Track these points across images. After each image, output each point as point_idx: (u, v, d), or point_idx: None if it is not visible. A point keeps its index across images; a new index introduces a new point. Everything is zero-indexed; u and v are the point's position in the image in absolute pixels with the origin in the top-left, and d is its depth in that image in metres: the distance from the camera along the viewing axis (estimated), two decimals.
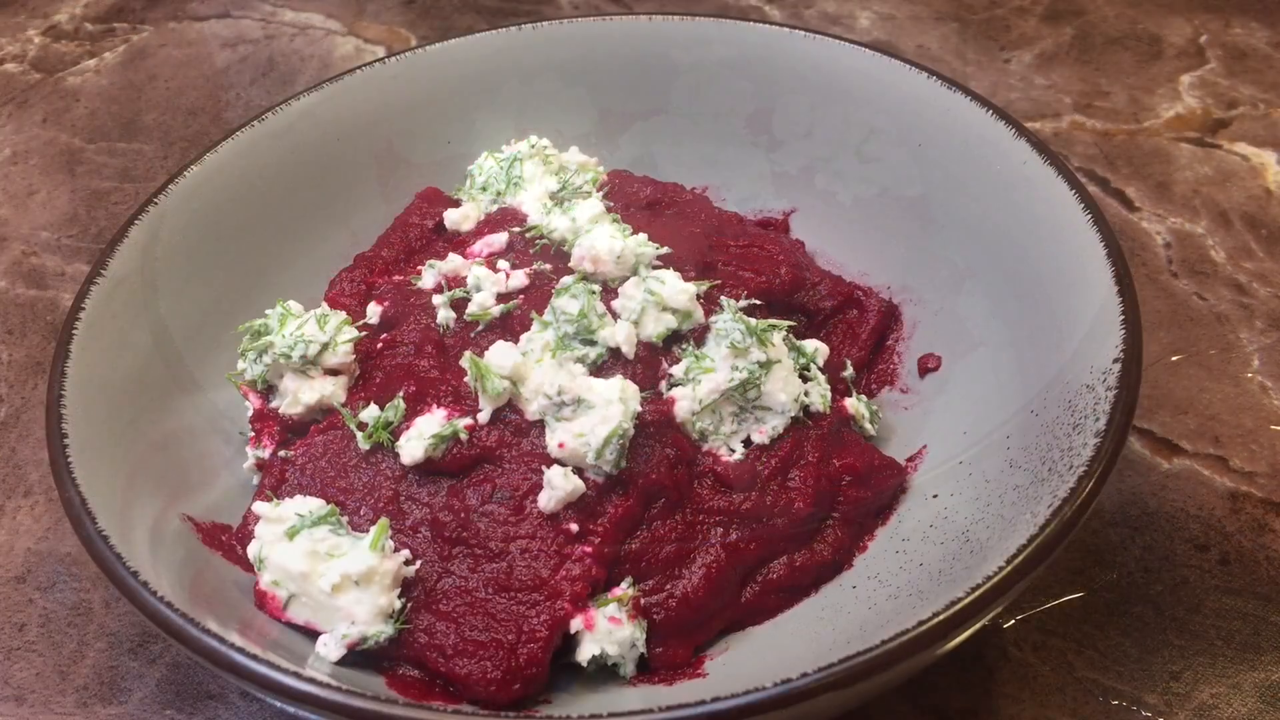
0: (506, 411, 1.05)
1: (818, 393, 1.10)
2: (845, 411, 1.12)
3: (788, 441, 1.06)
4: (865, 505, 1.06)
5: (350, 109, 1.34)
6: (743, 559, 1.02)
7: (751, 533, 1.02)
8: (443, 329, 1.13)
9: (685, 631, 0.99)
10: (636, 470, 1.01)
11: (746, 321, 1.05)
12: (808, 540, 1.04)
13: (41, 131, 1.79)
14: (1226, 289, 1.38)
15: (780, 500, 1.03)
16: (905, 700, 1.02)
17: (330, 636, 0.94)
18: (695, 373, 1.05)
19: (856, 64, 1.28)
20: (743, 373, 1.04)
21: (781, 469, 1.05)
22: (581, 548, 0.98)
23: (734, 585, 1.01)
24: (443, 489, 1.03)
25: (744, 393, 1.05)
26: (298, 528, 0.96)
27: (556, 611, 0.95)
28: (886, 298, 1.25)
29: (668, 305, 1.07)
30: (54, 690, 1.08)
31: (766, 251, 1.23)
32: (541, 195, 1.27)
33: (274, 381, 1.13)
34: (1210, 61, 1.74)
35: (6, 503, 1.25)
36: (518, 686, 0.92)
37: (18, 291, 1.51)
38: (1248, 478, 1.18)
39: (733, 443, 1.06)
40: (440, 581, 0.98)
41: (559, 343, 1.05)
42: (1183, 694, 1.01)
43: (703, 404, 1.04)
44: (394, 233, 1.30)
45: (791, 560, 1.03)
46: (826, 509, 1.05)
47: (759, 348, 1.05)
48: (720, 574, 1.00)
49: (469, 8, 1.99)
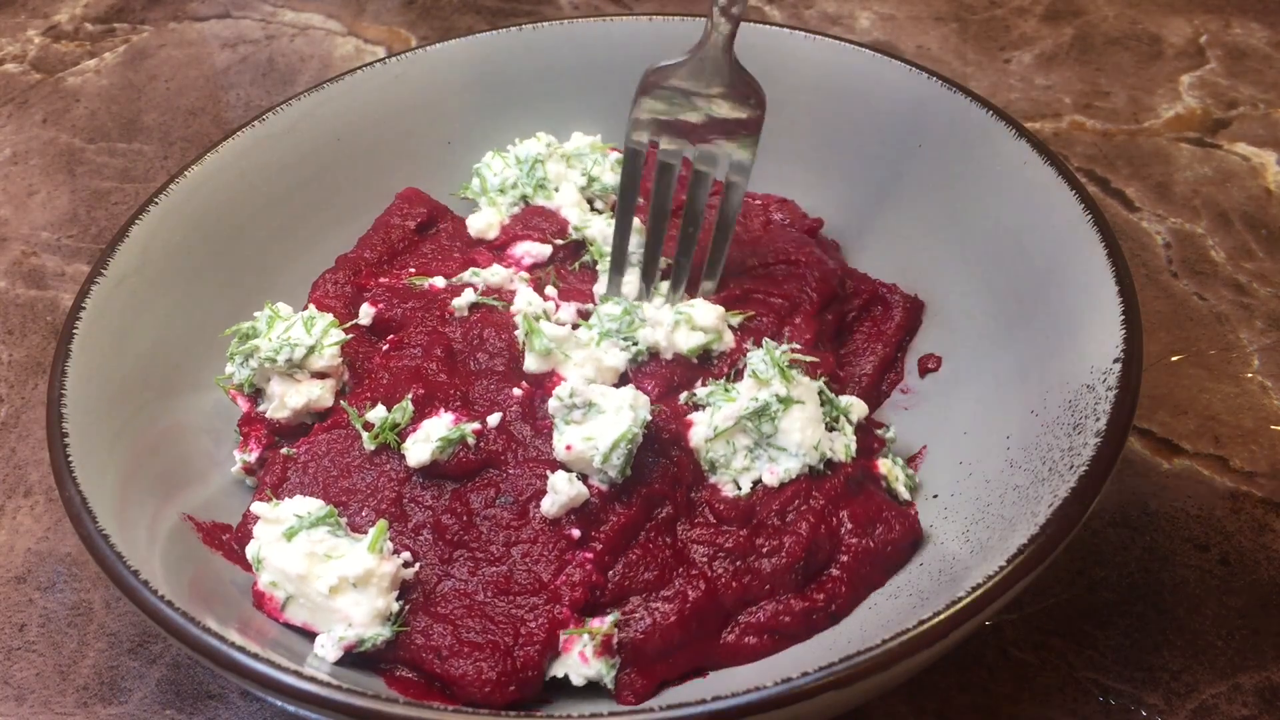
0: (515, 418, 1.05)
1: (841, 443, 1.05)
2: (876, 469, 1.06)
3: (795, 485, 1.01)
4: (871, 558, 0.99)
5: (350, 109, 1.34)
6: (721, 596, 0.97)
7: (735, 570, 0.98)
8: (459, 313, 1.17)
9: (649, 661, 0.95)
10: (641, 480, 1.01)
11: (773, 353, 1.04)
12: (799, 586, 0.98)
13: (41, 131, 1.79)
14: (1226, 289, 1.38)
15: (770, 541, 0.99)
16: (905, 701, 1.02)
17: (327, 638, 0.94)
18: (717, 398, 1.04)
19: (856, 64, 1.28)
20: (759, 402, 1.02)
21: (780, 510, 1.00)
22: (582, 554, 0.98)
23: (712, 622, 0.97)
24: (446, 492, 1.03)
25: (759, 425, 1.02)
26: (296, 529, 0.96)
27: (555, 615, 0.95)
28: (913, 294, 1.22)
29: (697, 325, 1.11)
30: (54, 690, 1.08)
31: (795, 269, 1.20)
32: (576, 199, 1.29)
33: (261, 385, 1.13)
34: (1210, 61, 1.74)
35: (6, 503, 1.26)
36: (513, 689, 0.92)
37: (18, 291, 1.51)
38: (1248, 478, 1.18)
39: (742, 479, 1.02)
40: (440, 585, 0.98)
41: (603, 335, 1.11)
42: (1183, 694, 1.01)
43: (717, 431, 1.02)
44: (375, 234, 1.30)
45: (780, 605, 0.97)
46: (824, 558, 0.99)
47: (782, 382, 1.03)
48: (694, 609, 0.96)
49: (469, 8, 1.99)
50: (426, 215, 1.32)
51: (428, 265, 1.27)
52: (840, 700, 0.79)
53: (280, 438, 1.12)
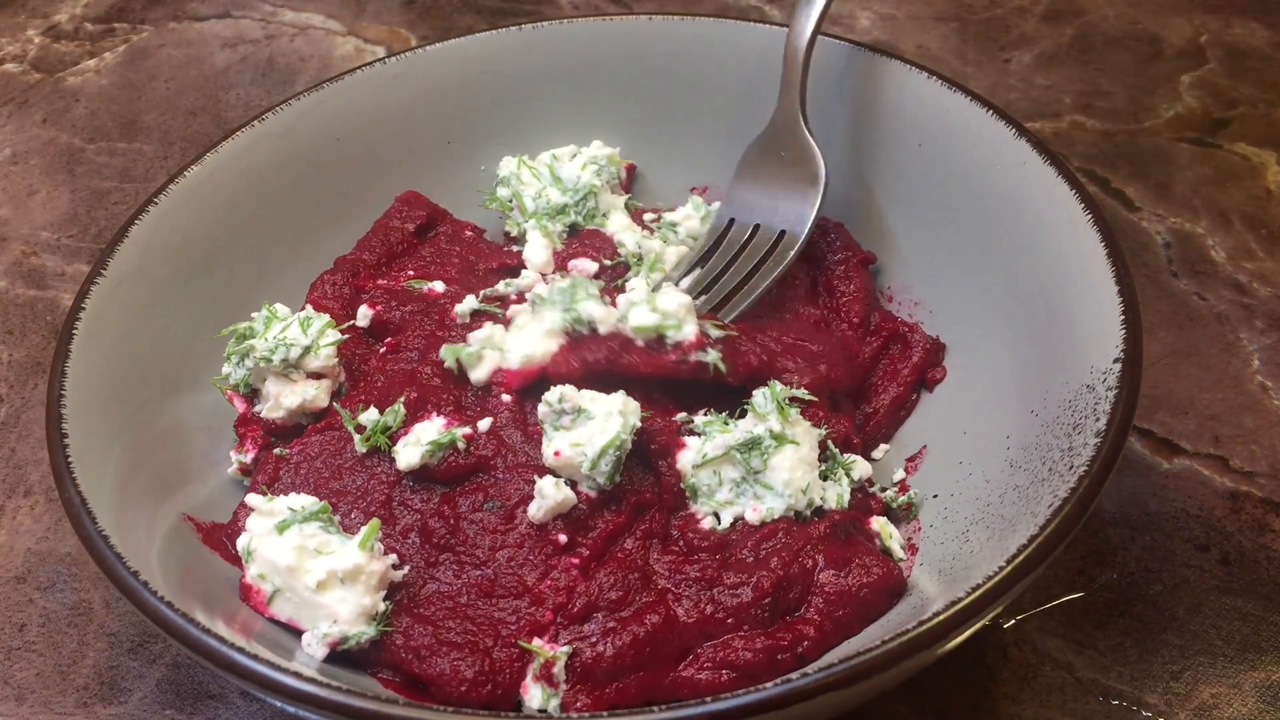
0: (505, 424, 1.05)
1: (834, 492, 1.03)
2: (868, 525, 1.03)
3: (775, 525, 0.99)
4: (845, 602, 0.94)
5: (350, 109, 1.34)
6: (682, 624, 0.94)
7: (698, 599, 0.95)
8: None
9: (598, 682, 0.92)
10: (629, 488, 1.00)
11: (773, 388, 1.03)
12: (766, 624, 0.94)
13: (41, 131, 1.79)
14: (1226, 289, 1.38)
15: (739, 575, 0.96)
16: (905, 701, 1.02)
17: (312, 635, 0.93)
18: (713, 429, 1.03)
19: (856, 64, 1.28)
20: (751, 435, 1.01)
21: (755, 547, 0.98)
22: (568, 559, 0.97)
23: (668, 649, 0.93)
24: (435, 496, 1.03)
25: (748, 459, 1.00)
26: (289, 522, 0.96)
27: (537, 618, 0.94)
28: (934, 335, 1.19)
29: (658, 307, 1.07)
30: (54, 690, 1.08)
31: (808, 353, 1.15)
32: (627, 223, 1.29)
33: (257, 385, 1.13)
34: (1210, 61, 1.74)
35: (6, 503, 1.26)
36: (489, 688, 0.91)
37: (18, 291, 1.51)
38: (1248, 478, 1.18)
39: (723, 513, 1.01)
40: (424, 587, 0.98)
41: (538, 302, 1.10)
42: (1183, 694, 1.01)
43: (706, 458, 1.01)
44: (374, 236, 1.29)
45: (743, 640, 0.93)
46: (796, 598, 0.95)
47: (778, 419, 1.02)
48: (651, 633, 0.93)
49: (469, 8, 1.99)
50: (426, 218, 1.31)
51: (426, 268, 1.27)
52: (840, 701, 0.79)
53: (275, 438, 1.12)
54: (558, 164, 1.31)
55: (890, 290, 1.26)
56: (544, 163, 1.31)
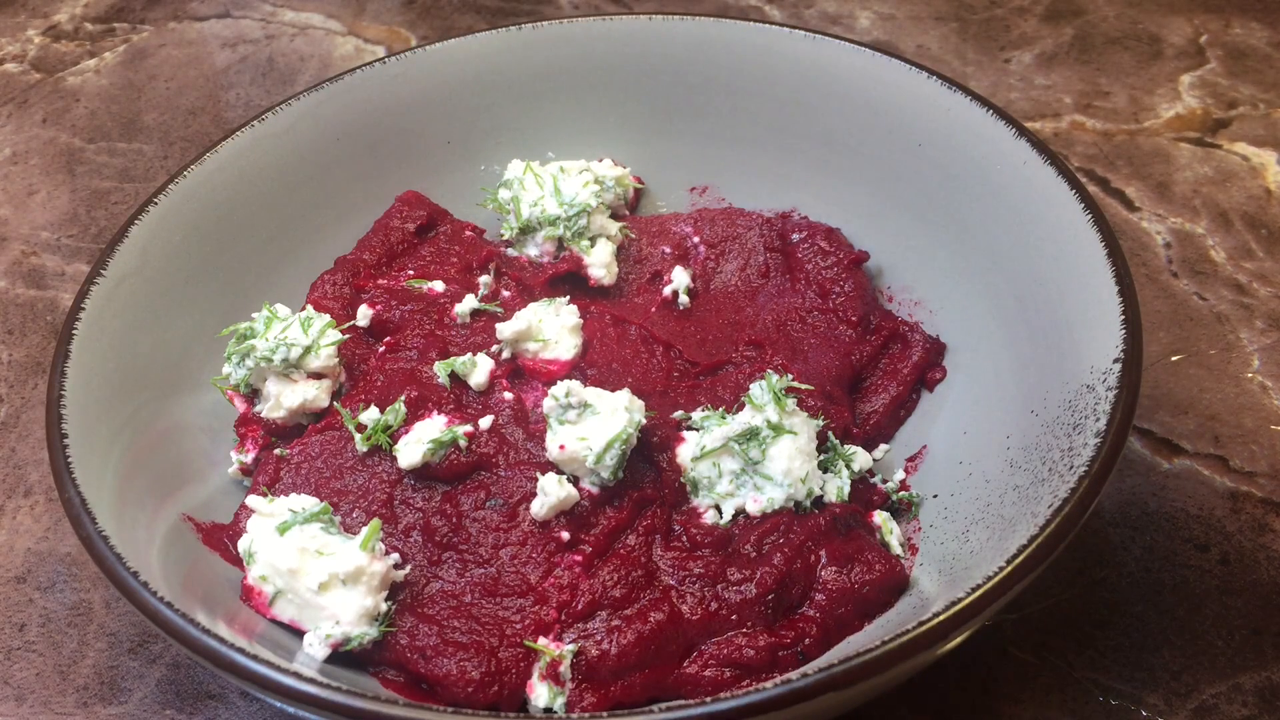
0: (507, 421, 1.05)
1: (834, 485, 1.04)
2: (870, 519, 1.04)
3: (776, 517, 0.99)
4: (847, 599, 0.95)
5: (350, 109, 1.34)
6: (685, 621, 0.95)
7: (702, 596, 0.96)
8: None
9: (604, 680, 0.93)
10: (631, 484, 1.00)
11: (770, 379, 1.03)
12: (769, 621, 0.95)
13: (41, 131, 1.79)
14: (1226, 289, 1.38)
15: (743, 571, 0.96)
16: (905, 700, 1.02)
17: (314, 635, 0.93)
18: (711, 422, 1.04)
19: (856, 64, 1.28)
20: (749, 425, 1.01)
21: (758, 542, 0.98)
22: (571, 556, 0.97)
23: (673, 647, 0.94)
24: (437, 494, 1.03)
25: (747, 450, 1.00)
26: (289, 523, 0.96)
27: (541, 617, 0.94)
28: (934, 335, 1.19)
29: None
30: (54, 690, 1.08)
31: (811, 354, 1.17)
32: (608, 260, 1.27)
33: (258, 385, 1.13)
34: (1210, 61, 1.74)
35: (6, 503, 1.26)
36: (496, 689, 0.91)
37: (18, 291, 1.51)
38: (1248, 478, 1.18)
39: (725, 505, 1.01)
40: (427, 586, 0.98)
41: None
42: (1183, 694, 1.01)
43: (704, 450, 1.02)
44: (374, 236, 1.30)
45: (746, 638, 0.94)
46: (799, 594, 0.96)
47: (776, 409, 1.01)
48: (655, 630, 0.93)
49: (469, 8, 1.99)
50: (426, 218, 1.31)
51: (426, 268, 1.27)
52: (840, 701, 0.79)
53: (276, 438, 1.12)
54: (563, 177, 1.30)
55: (890, 290, 1.26)
56: (550, 173, 1.31)
